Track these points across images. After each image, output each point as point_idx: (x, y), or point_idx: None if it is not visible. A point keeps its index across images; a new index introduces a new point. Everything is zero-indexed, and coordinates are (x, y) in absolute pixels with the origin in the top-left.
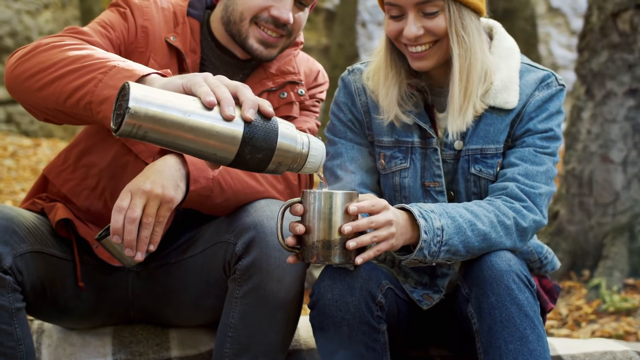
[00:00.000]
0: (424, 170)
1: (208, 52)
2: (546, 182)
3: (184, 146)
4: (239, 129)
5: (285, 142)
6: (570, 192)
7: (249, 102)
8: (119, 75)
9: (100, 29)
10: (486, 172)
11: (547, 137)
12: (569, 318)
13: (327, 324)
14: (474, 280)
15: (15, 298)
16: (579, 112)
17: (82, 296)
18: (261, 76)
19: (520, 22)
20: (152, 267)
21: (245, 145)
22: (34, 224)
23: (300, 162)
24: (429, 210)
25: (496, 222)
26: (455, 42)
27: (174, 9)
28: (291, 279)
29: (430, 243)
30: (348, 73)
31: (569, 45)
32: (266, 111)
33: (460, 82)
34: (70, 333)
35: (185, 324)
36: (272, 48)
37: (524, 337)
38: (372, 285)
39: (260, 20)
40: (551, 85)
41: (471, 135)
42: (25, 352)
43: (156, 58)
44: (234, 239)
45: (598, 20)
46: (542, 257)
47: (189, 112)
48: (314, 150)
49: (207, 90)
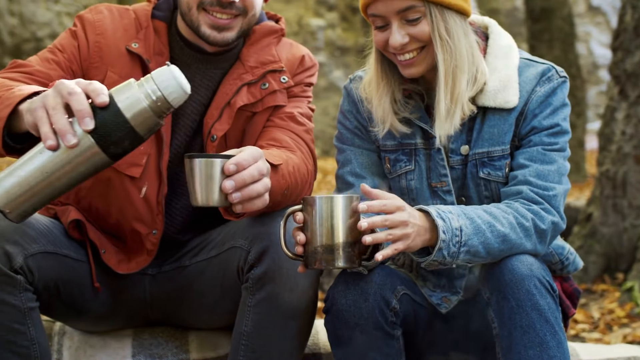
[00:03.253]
0: (429, 171)
1: (178, 51)
2: (559, 181)
3: (66, 184)
4: (89, 143)
5: (134, 110)
6: (604, 193)
7: (78, 114)
8: (0, 106)
9: (48, 54)
10: (495, 174)
11: (554, 133)
12: (601, 321)
13: (341, 329)
14: (495, 284)
15: (28, 298)
16: (612, 112)
17: (99, 298)
18: (240, 71)
19: (557, 22)
20: (167, 270)
21: (107, 147)
22: (47, 226)
23: (163, 103)
24: (446, 211)
25: (515, 224)
26: (439, 46)
27: (135, 15)
28: (303, 288)
29: (449, 243)
30: (350, 81)
31: (610, 44)
32: (100, 103)
33: (445, 86)
34: (90, 335)
35: (204, 327)
36: (226, 31)
37: (544, 343)
38: (386, 291)
39: (206, 5)
40: (552, 78)
41: (476, 139)
42: (39, 351)
43: (114, 70)
44: (247, 246)
45: (632, 20)
46: (563, 258)
47: (42, 166)
48: (162, 82)
49: (44, 132)
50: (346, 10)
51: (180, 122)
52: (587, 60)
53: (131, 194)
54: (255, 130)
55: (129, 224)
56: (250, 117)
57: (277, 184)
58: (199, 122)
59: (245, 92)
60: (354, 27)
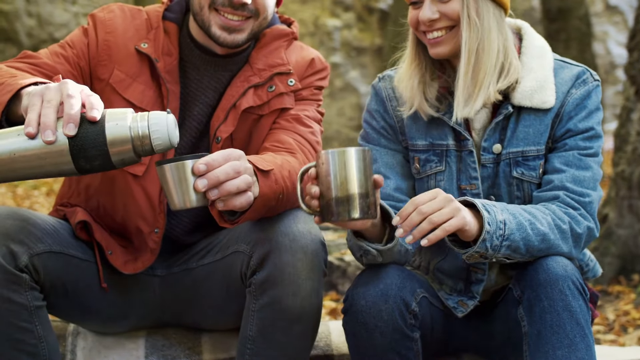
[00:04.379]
0: (460, 172)
1: (188, 53)
2: (594, 187)
3: (26, 175)
4: (63, 147)
5: (117, 137)
6: (620, 194)
7: (66, 117)
8: (2, 91)
9: (58, 48)
10: (529, 174)
11: (589, 137)
12: (616, 323)
13: (360, 330)
14: (528, 283)
15: (34, 296)
16: (628, 113)
17: (107, 298)
18: (247, 74)
19: (574, 21)
20: (176, 272)
21: (77, 158)
22: (54, 227)
23: (146, 144)
24: (491, 205)
25: (553, 225)
26: (465, 24)
27: (147, 16)
28: (306, 292)
29: (493, 236)
30: (379, 80)
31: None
32: (90, 117)
33: (467, 65)
34: (104, 336)
35: (215, 328)
36: (236, 33)
37: (573, 345)
38: (406, 293)
39: (218, 5)
40: (587, 81)
41: (510, 138)
42: (48, 350)
43: (121, 68)
44: (249, 251)
45: None
46: (583, 264)
47: (13, 147)
48: (154, 125)
49: (30, 118)
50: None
51: (187, 124)
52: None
53: (134, 192)
54: (261, 132)
55: (133, 222)
56: (257, 120)
57: (269, 189)
58: (205, 123)
59: (251, 94)
60: (371, 27)
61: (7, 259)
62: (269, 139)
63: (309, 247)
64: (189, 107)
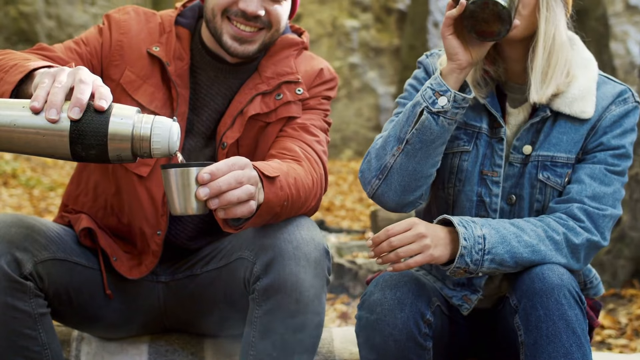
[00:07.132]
0: (485, 157)
1: (199, 58)
2: (612, 205)
3: (21, 148)
4: (64, 129)
5: (118, 132)
6: (633, 197)
7: (73, 100)
8: (14, 71)
9: (72, 44)
10: (554, 180)
11: (619, 155)
12: (628, 327)
13: (374, 337)
14: (524, 292)
15: (38, 303)
16: None
17: (111, 305)
18: (256, 81)
19: (591, 22)
20: (179, 278)
21: (75, 144)
22: (58, 234)
23: (144, 146)
24: (469, 220)
25: (544, 237)
26: (544, 5)
27: (161, 20)
28: (309, 299)
29: (471, 250)
30: (426, 57)
31: None
32: (97, 106)
33: (544, 45)
34: (108, 341)
35: (218, 334)
36: (247, 44)
37: (569, 354)
38: (422, 303)
39: (231, 14)
40: (628, 100)
41: (543, 142)
42: (52, 357)
43: (133, 70)
44: (253, 258)
45: None
46: (587, 280)
47: (15, 118)
48: (157, 129)
49: (38, 94)
50: (380, 11)
51: (195, 128)
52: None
53: (138, 192)
54: (268, 140)
55: (137, 223)
56: (264, 127)
57: (274, 196)
58: (213, 129)
59: (259, 101)
60: (389, 28)
61: (11, 266)
62: (275, 147)
63: (312, 255)
64: (197, 112)
